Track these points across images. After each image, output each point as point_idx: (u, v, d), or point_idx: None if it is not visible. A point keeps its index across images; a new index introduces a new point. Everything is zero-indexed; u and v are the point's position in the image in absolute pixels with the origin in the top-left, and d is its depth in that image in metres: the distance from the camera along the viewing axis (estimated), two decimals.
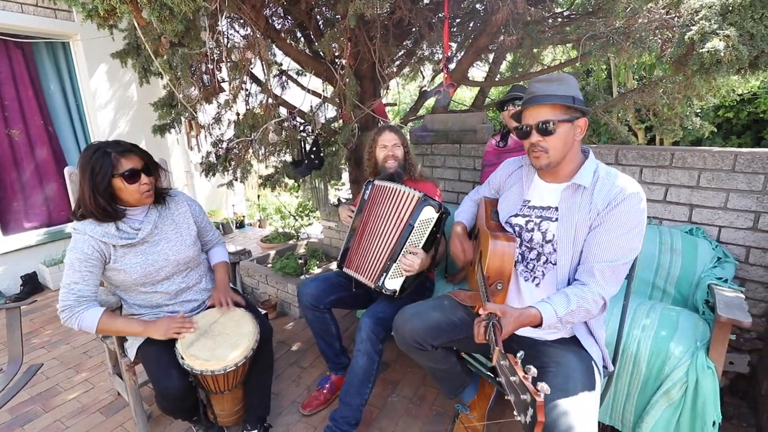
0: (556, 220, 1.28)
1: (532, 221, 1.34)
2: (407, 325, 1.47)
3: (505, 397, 0.84)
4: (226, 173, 3.32)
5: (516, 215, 1.40)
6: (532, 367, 0.82)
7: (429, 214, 1.68)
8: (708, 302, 1.68)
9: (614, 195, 1.18)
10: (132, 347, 1.58)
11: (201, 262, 1.78)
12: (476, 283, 1.42)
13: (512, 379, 0.82)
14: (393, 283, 1.73)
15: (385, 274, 1.74)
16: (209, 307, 1.72)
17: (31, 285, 3.53)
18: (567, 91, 1.20)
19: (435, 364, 1.55)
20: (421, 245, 1.70)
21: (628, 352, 1.55)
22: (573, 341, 1.32)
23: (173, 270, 1.61)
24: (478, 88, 3.91)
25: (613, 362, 1.44)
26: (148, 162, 1.51)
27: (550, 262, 1.30)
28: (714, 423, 1.39)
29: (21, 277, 3.51)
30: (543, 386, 0.77)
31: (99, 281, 1.48)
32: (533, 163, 1.30)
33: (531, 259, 1.35)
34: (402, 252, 1.70)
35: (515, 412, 0.80)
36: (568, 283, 1.27)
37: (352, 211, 2.03)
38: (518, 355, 0.87)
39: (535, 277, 1.34)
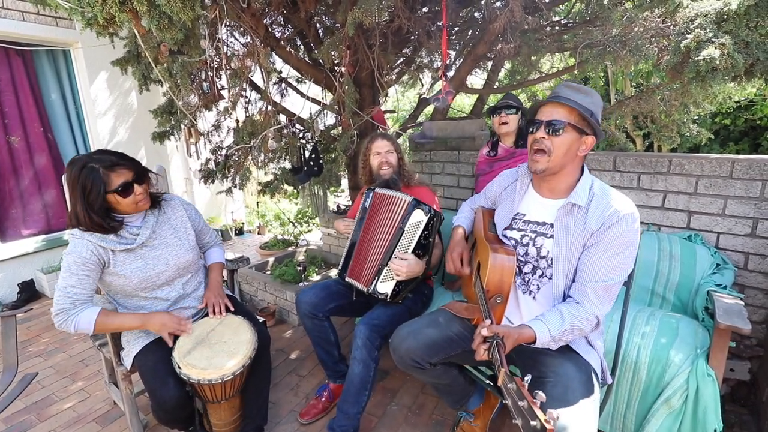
0: (551, 236, 1.28)
1: (527, 236, 1.34)
2: (403, 346, 1.46)
3: (513, 421, 0.82)
4: (225, 180, 3.33)
5: (511, 228, 1.39)
6: (540, 392, 0.81)
7: (418, 218, 1.70)
8: (707, 309, 1.67)
9: (608, 216, 1.18)
10: (128, 356, 1.57)
11: (200, 268, 1.78)
12: (473, 293, 1.41)
13: (520, 403, 0.81)
14: (384, 286, 1.74)
15: (377, 277, 1.75)
16: (201, 309, 1.71)
17: (29, 292, 3.52)
18: (589, 105, 1.20)
19: (436, 379, 1.54)
20: (411, 249, 1.71)
21: (628, 359, 1.54)
22: (571, 349, 1.31)
23: (173, 275, 1.61)
24: (477, 95, 3.94)
25: (613, 370, 1.43)
26: (138, 170, 1.47)
27: (546, 276, 1.30)
28: (715, 431, 1.38)
29: (18, 284, 3.49)
30: (552, 413, 0.76)
31: (95, 286, 1.47)
32: (531, 167, 1.29)
33: (526, 273, 1.35)
34: (392, 256, 1.71)
35: None
36: (564, 298, 1.27)
37: (348, 225, 2.02)
38: (525, 379, 0.86)
39: (530, 291, 1.34)
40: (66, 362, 2.56)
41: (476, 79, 4.70)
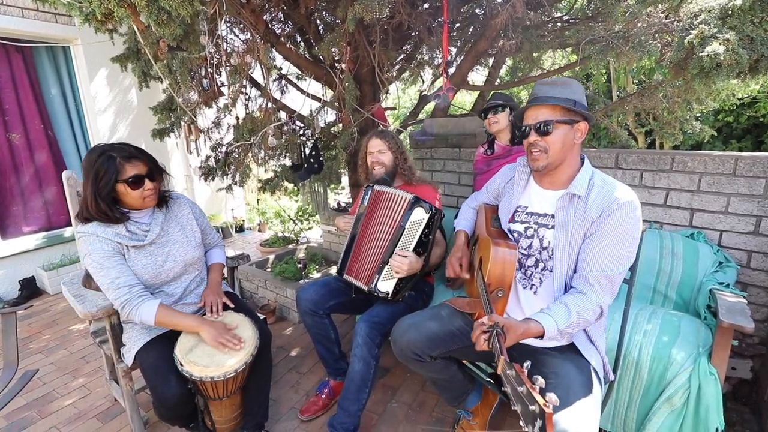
0: (553, 227, 1.28)
1: (531, 227, 1.34)
2: (404, 337, 1.46)
3: (512, 407, 0.83)
4: (225, 177, 3.32)
5: (514, 221, 1.39)
6: (539, 377, 0.81)
7: (419, 216, 1.68)
8: (710, 307, 1.66)
9: (608, 204, 1.18)
10: (130, 353, 1.56)
11: (204, 266, 1.79)
12: (475, 289, 1.40)
13: (519, 389, 0.81)
14: (385, 285, 1.73)
15: (377, 276, 1.74)
16: (200, 307, 1.71)
17: (30, 289, 3.52)
18: (569, 95, 1.21)
19: (436, 374, 1.54)
20: (411, 247, 1.70)
21: (630, 357, 1.53)
22: (571, 349, 1.30)
23: (181, 271, 1.63)
24: (478, 92, 3.92)
25: (615, 368, 1.42)
26: (153, 167, 1.52)
27: (547, 269, 1.30)
28: (717, 429, 1.38)
29: (19, 281, 3.49)
30: (551, 397, 0.76)
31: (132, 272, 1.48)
32: (531, 165, 1.30)
33: (528, 267, 1.34)
34: (392, 254, 1.70)
35: (522, 423, 0.79)
36: (565, 290, 1.27)
37: (348, 221, 2.01)
38: (525, 365, 0.86)
39: (532, 285, 1.33)
40: (67, 359, 2.56)
41: (477, 76, 4.69)
